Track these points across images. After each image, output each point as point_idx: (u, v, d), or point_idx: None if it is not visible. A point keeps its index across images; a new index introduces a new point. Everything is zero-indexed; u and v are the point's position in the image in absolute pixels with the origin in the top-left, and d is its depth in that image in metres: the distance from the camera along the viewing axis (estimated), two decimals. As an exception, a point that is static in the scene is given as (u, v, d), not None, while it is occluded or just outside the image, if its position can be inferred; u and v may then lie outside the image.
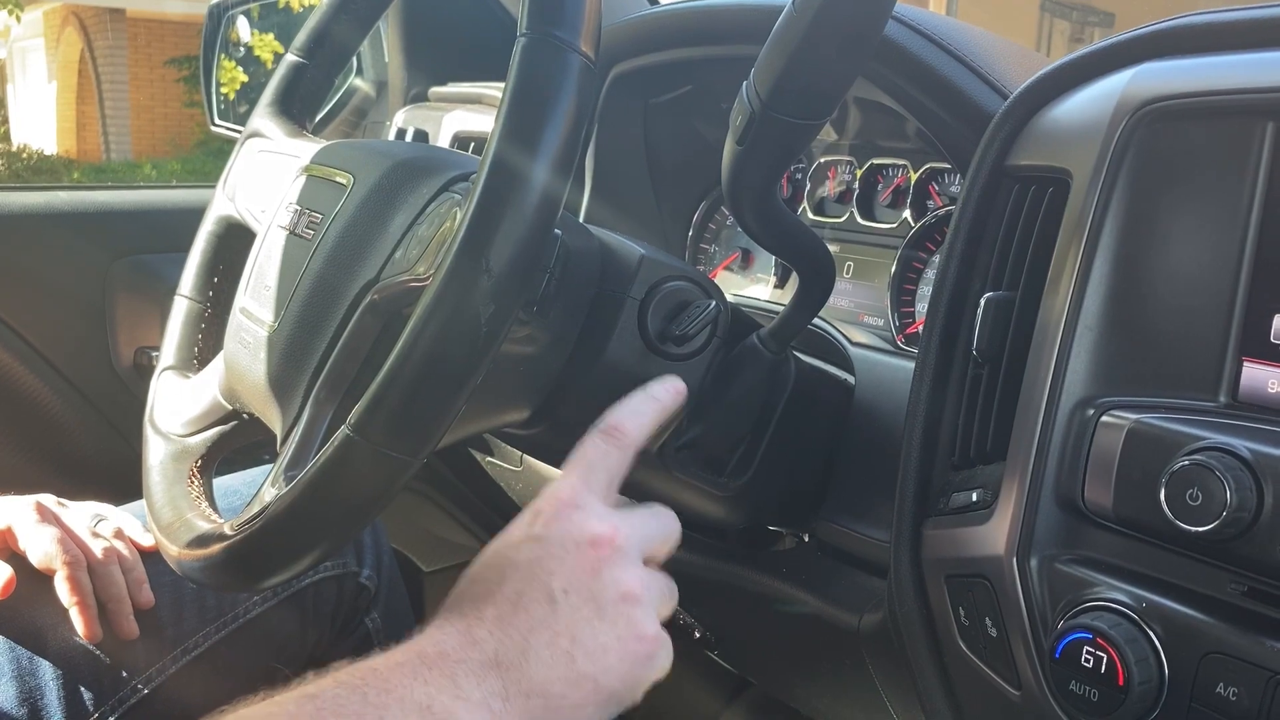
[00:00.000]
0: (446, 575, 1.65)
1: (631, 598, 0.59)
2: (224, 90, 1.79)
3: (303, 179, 0.83)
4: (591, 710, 0.57)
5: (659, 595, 0.62)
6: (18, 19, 11.23)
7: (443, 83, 1.56)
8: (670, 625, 0.62)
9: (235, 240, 0.92)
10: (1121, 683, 0.58)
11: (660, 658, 0.60)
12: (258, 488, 0.71)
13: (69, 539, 0.91)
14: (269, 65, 0.97)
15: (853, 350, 0.93)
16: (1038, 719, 0.65)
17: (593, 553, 0.59)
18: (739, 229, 1.10)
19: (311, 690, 0.53)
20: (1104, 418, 0.62)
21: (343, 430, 0.61)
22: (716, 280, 0.96)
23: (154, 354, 0.96)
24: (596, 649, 0.57)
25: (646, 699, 0.60)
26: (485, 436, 1.15)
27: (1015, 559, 0.65)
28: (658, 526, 0.65)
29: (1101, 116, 0.66)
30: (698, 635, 1.06)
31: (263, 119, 0.94)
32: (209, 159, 10.66)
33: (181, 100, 12.05)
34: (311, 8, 1.02)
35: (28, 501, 0.94)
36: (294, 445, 0.71)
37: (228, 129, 1.70)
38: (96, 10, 11.82)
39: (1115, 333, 0.64)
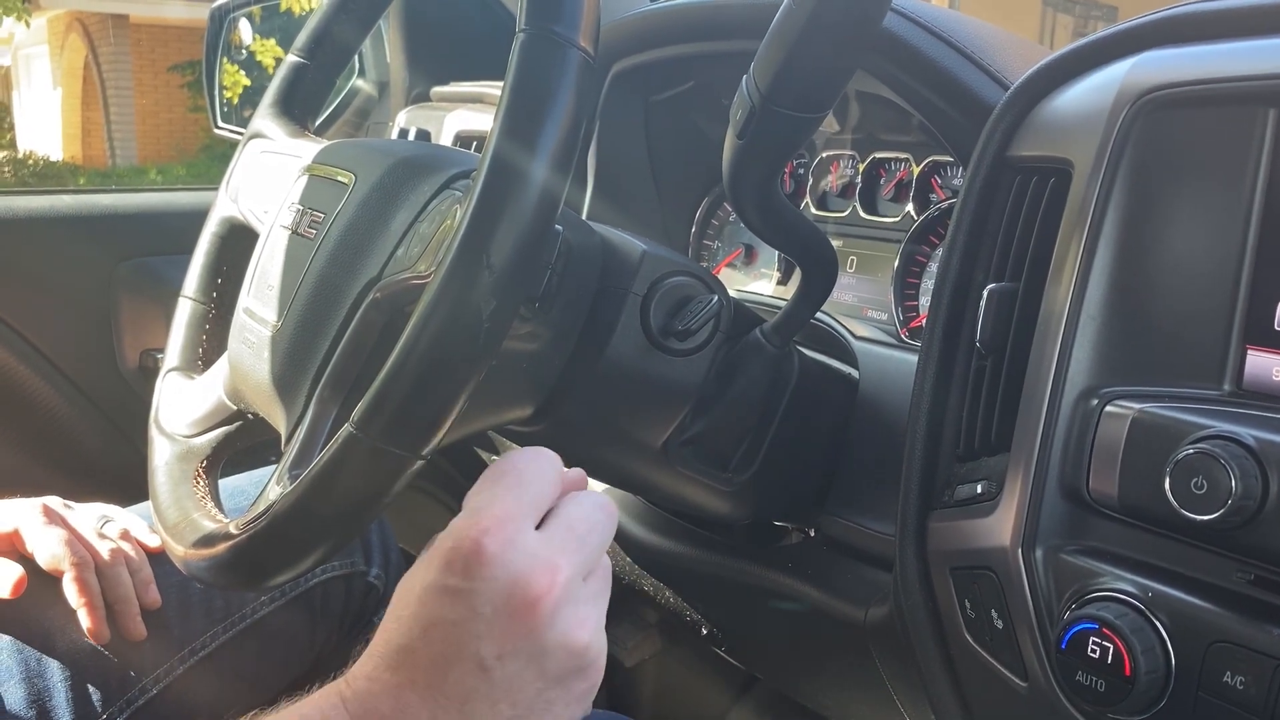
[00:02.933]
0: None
1: (578, 650, 0.52)
2: (228, 94, 1.79)
3: (305, 179, 0.83)
4: None
5: (602, 601, 0.55)
6: (27, 24, 11.26)
7: (444, 82, 1.56)
8: (677, 623, 0.61)
9: (238, 241, 0.92)
10: (1128, 673, 0.58)
11: (600, 671, 0.55)
12: (263, 487, 0.71)
13: (76, 540, 0.92)
14: (271, 70, 0.97)
15: (856, 344, 0.93)
16: (1045, 710, 0.65)
17: (530, 614, 0.50)
18: (742, 225, 1.10)
19: None
20: (1108, 407, 0.62)
21: (346, 428, 0.61)
22: (720, 276, 0.97)
23: (159, 356, 0.96)
24: (541, 705, 0.51)
25: (651, 698, 0.59)
26: (490, 435, 1.15)
27: (1020, 550, 0.65)
28: (598, 535, 0.56)
29: (1102, 106, 0.66)
30: (704, 632, 1.06)
31: (264, 120, 0.94)
32: (214, 163, 10.67)
33: (186, 105, 12.07)
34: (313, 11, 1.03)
35: (35, 503, 0.94)
36: (298, 444, 0.71)
37: (231, 131, 1.70)
38: (100, 16, 11.83)
39: (1118, 322, 0.64)
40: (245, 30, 1.80)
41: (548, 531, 0.53)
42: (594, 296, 0.76)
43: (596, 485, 1.08)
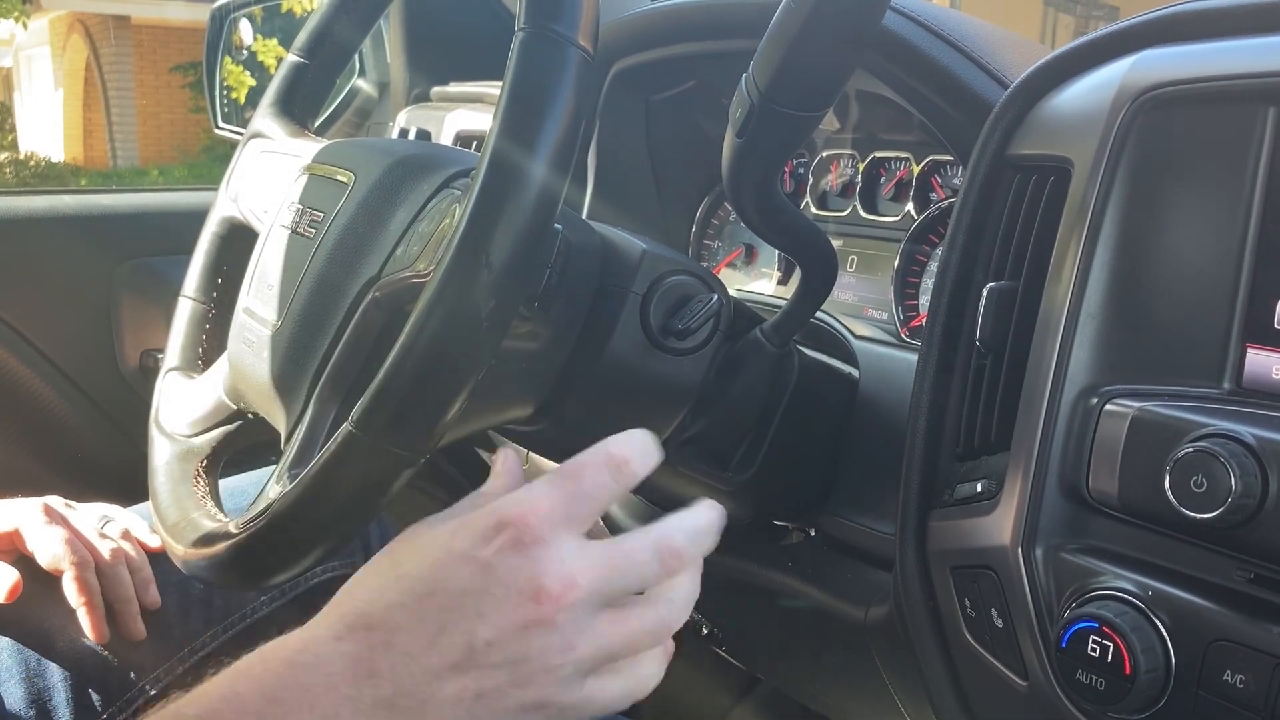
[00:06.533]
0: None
1: (551, 672, 0.50)
2: (232, 95, 1.79)
3: (304, 178, 0.83)
4: None
5: (604, 645, 0.52)
6: (24, 26, 11.28)
7: (445, 82, 1.56)
8: None
9: (238, 241, 0.92)
10: (1128, 671, 0.58)
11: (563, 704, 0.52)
12: (263, 487, 0.71)
13: (77, 540, 0.92)
14: (273, 71, 0.97)
15: (856, 344, 0.93)
16: (1045, 709, 0.65)
17: (532, 608, 0.49)
18: (742, 224, 1.09)
19: None
20: (1108, 406, 0.62)
21: (345, 427, 0.61)
22: (720, 276, 0.96)
23: (159, 356, 0.96)
24: (500, 711, 0.50)
25: (652, 698, 0.58)
26: (491, 434, 1.15)
27: (1020, 549, 0.65)
28: (635, 575, 0.53)
29: (1102, 104, 0.66)
30: (705, 632, 1.06)
31: (264, 119, 0.94)
32: (215, 164, 10.67)
33: (187, 106, 12.08)
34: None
35: (35, 503, 0.94)
36: (298, 443, 0.71)
37: (232, 132, 1.70)
38: (101, 17, 11.85)
39: (1118, 321, 0.64)
40: (246, 30, 1.80)
41: (585, 544, 0.52)
42: (594, 295, 0.76)
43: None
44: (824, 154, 1.10)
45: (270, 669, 0.48)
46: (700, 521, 0.54)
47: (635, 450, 0.55)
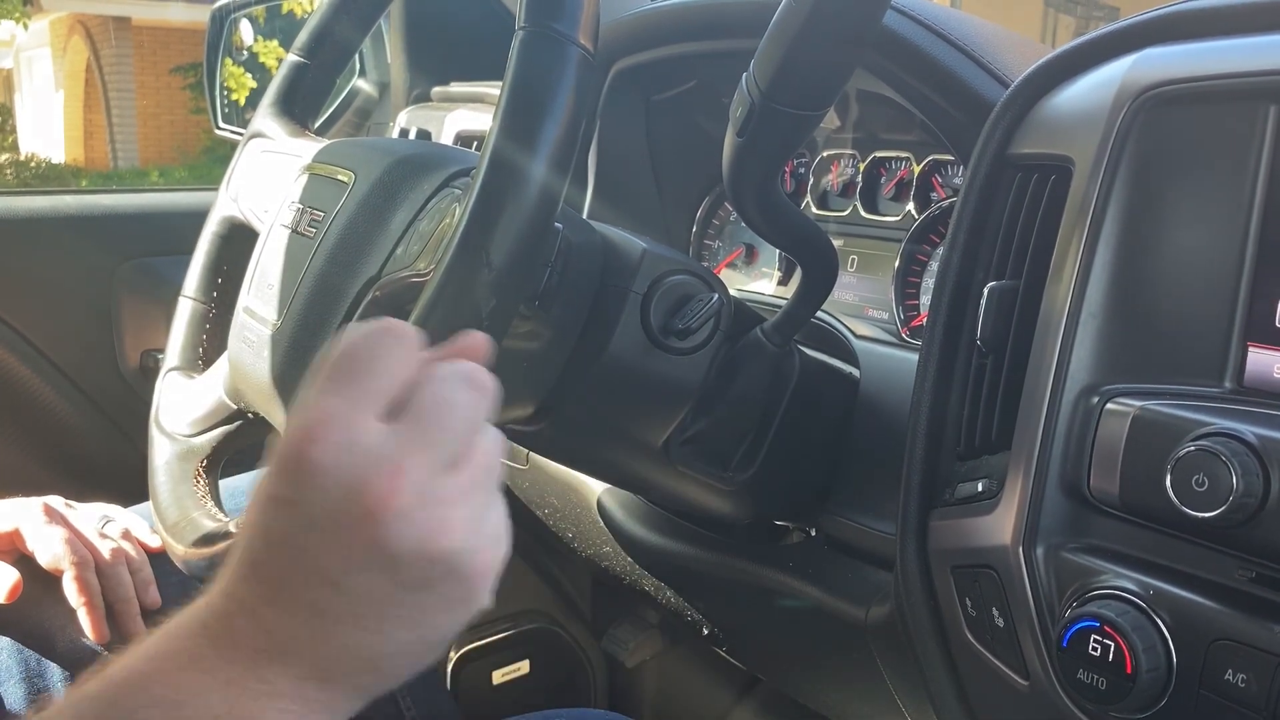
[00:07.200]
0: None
1: (440, 556, 0.44)
2: (233, 96, 1.79)
3: (305, 177, 0.83)
4: (429, 656, 0.47)
5: (478, 495, 0.46)
6: (25, 26, 11.29)
7: (445, 82, 1.56)
8: (678, 623, 0.58)
9: (239, 241, 0.92)
10: (1129, 671, 0.58)
11: (501, 550, 0.47)
12: (262, 486, 0.71)
13: (77, 540, 0.92)
14: (273, 72, 0.97)
15: (857, 343, 0.93)
16: (1046, 709, 0.65)
17: (370, 525, 0.43)
18: (743, 224, 1.09)
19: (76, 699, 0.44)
20: (1109, 405, 0.62)
21: (345, 426, 0.61)
22: (720, 276, 0.96)
23: (160, 356, 0.96)
24: (409, 616, 0.45)
25: (653, 698, 0.56)
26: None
27: (1021, 548, 0.65)
28: (460, 418, 0.46)
29: (1103, 103, 0.65)
30: (705, 632, 1.06)
31: (265, 119, 0.95)
32: (215, 165, 10.68)
33: (188, 107, 12.08)
34: (316, 12, 1.03)
35: (36, 503, 0.94)
36: (298, 443, 0.71)
37: (232, 132, 1.70)
38: (102, 19, 11.85)
39: (1119, 320, 0.64)
40: (247, 31, 1.80)
41: (392, 425, 0.45)
42: (594, 295, 0.76)
43: (597, 486, 1.08)
44: (825, 153, 1.10)
45: (185, 630, 0.45)
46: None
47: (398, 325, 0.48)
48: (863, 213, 1.04)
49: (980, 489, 0.70)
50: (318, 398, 0.45)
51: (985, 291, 0.71)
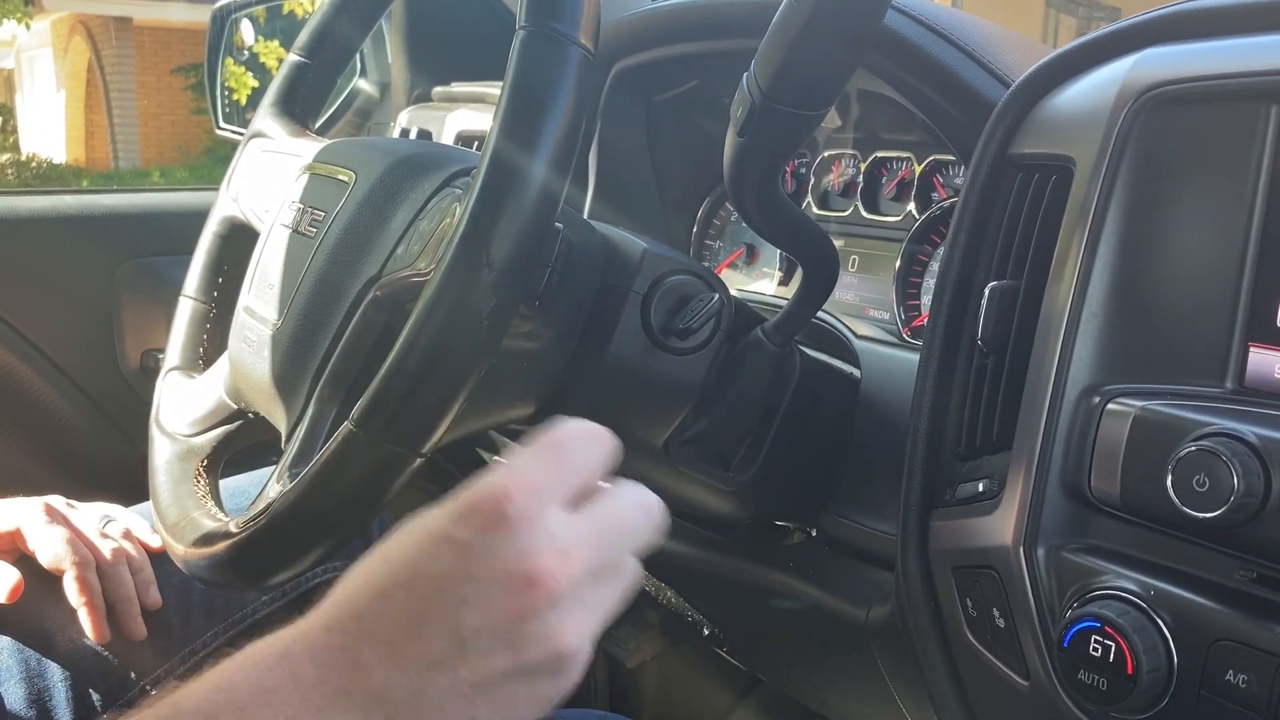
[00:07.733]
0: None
1: (558, 653, 0.46)
2: (234, 96, 1.79)
3: (305, 177, 0.83)
4: None
5: (606, 610, 0.49)
6: (27, 26, 11.29)
7: (446, 82, 1.56)
8: (679, 624, 0.59)
9: (239, 240, 0.92)
10: (1130, 671, 0.58)
11: (573, 679, 0.49)
12: (263, 486, 0.71)
13: (78, 540, 0.92)
14: (274, 72, 0.97)
15: (858, 343, 0.93)
16: (1046, 709, 0.65)
17: (525, 594, 0.45)
18: (743, 225, 1.09)
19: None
20: (1110, 405, 0.62)
21: (346, 426, 0.61)
22: (721, 276, 0.96)
23: (160, 356, 0.96)
24: (503, 699, 0.46)
25: (653, 699, 0.56)
26: (493, 435, 1.15)
27: (1022, 549, 0.65)
28: (629, 537, 0.51)
29: (1104, 103, 0.65)
30: (706, 632, 1.06)
31: (265, 119, 0.94)
32: (216, 165, 10.67)
33: (189, 108, 12.09)
34: (317, 12, 1.03)
35: (37, 503, 0.94)
36: (298, 442, 0.71)
37: (233, 132, 1.70)
38: (103, 19, 11.85)
39: (1120, 320, 0.64)
40: (247, 31, 1.80)
41: (575, 517, 0.48)
42: (595, 295, 0.76)
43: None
44: (825, 153, 1.10)
45: (264, 661, 0.46)
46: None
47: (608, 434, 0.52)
48: (864, 213, 1.04)
49: (981, 489, 0.70)
50: (525, 466, 0.48)
51: (986, 292, 0.71)
